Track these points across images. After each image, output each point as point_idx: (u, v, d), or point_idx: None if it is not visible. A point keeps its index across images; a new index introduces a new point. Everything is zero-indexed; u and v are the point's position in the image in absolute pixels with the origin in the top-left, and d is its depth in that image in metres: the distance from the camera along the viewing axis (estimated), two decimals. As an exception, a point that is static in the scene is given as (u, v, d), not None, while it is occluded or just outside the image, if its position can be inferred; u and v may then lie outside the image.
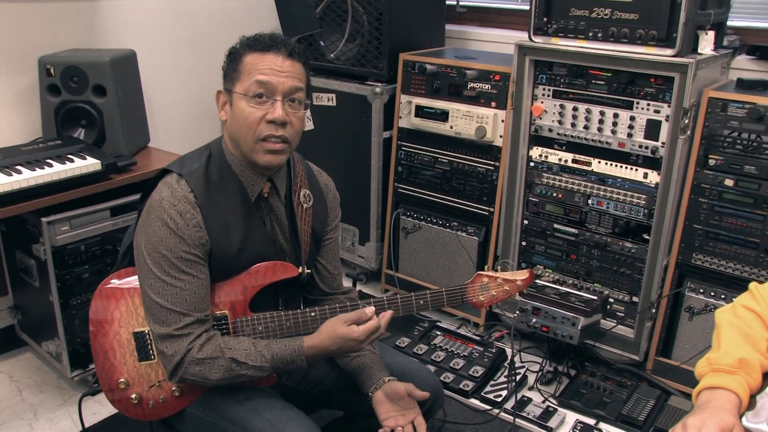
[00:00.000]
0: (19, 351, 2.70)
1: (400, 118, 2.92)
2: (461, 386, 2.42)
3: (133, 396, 1.59)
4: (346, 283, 1.91)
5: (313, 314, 1.60)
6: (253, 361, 1.51)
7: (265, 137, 1.51)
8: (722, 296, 2.29)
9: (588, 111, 2.42)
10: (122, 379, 1.59)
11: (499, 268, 1.68)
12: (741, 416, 1.25)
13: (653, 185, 2.36)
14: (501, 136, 2.66)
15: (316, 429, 1.53)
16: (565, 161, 2.53)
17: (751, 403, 1.29)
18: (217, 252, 1.55)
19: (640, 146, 2.35)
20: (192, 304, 1.51)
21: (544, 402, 2.38)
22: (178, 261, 1.50)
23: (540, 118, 2.54)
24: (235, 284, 1.59)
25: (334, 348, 1.54)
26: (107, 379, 1.60)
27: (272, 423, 1.49)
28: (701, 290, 2.33)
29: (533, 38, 2.44)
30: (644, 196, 2.39)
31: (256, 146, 1.52)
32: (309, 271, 1.71)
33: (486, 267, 1.56)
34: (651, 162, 2.35)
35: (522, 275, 1.64)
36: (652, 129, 2.31)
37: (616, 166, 2.42)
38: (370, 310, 1.56)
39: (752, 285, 1.44)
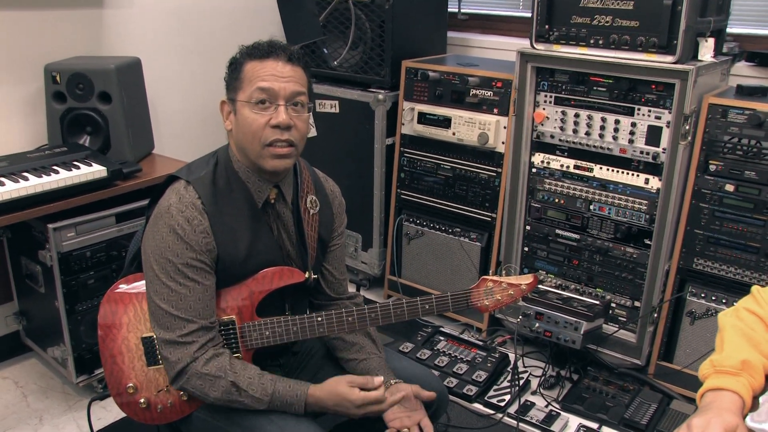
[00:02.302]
0: (24, 357, 2.71)
1: (403, 124, 2.94)
2: (464, 391, 2.43)
3: (142, 400, 1.60)
4: (351, 289, 1.93)
5: (319, 319, 1.61)
6: (253, 391, 1.52)
7: (271, 142, 1.53)
8: (723, 301, 2.30)
9: (589, 117, 2.44)
10: (131, 384, 1.60)
11: (503, 272, 1.69)
12: (744, 417, 1.27)
13: (654, 191, 2.38)
14: (503, 143, 2.68)
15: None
16: (567, 167, 2.55)
17: (754, 404, 1.30)
18: (225, 258, 1.56)
19: (642, 152, 2.37)
20: (196, 311, 1.52)
21: (547, 406, 2.39)
22: (185, 267, 1.51)
23: (542, 125, 2.56)
24: (242, 289, 1.61)
25: (330, 404, 1.54)
26: (116, 384, 1.61)
27: (281, 427, 1.51)
28: (702, 295, 2.35)
29: (535, 45, 2.47)
30: (645, 202, 2.40)
31: (263, 152, 1.54)
32: (315, 276, 1.73)
33: (490, 272, 1.57)
34: (652, 168, 2.37)
35: (526, 280, 1.65)
36: (653, 135, 2.33)
37: (618, 172, 2.45)
38: (378, 380, 1.56)
39: (754, 288, 1.45)
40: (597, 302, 2.46)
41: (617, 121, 2.39)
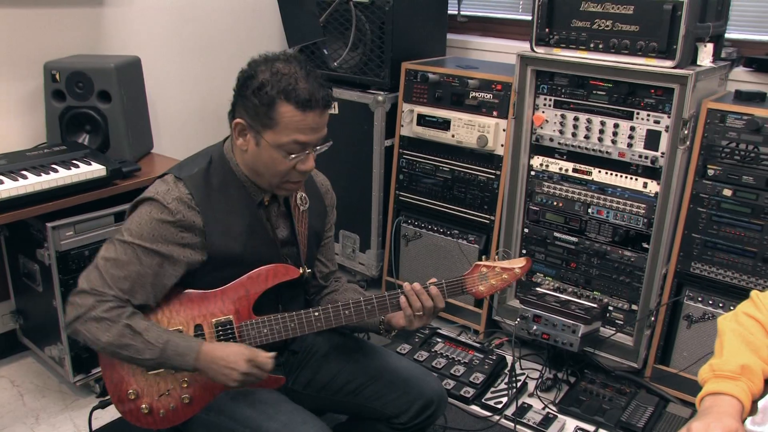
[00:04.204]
0: (20, 356, 2.70)
1: (402, 126, 2.95)
2: (462, 393, 2.44)
3: (144, 406, 1.59)
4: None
5: (317, 314, 1.62)
6: (148, 336, 1.50)
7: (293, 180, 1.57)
8: (720, 305, 2.32)
9: (589, 121, 2.45)
10: (131, 390, 1.59)
11: (497, 257, 1.69)
12: (743, 421, 1.28)
13: (653, 195, 2.39)
14: (502, 145, 2.68)
15: (328, 430, 1.54)
16: (566, 170, 2.56)
17: (753, 409, 1.31)
18: (219, 255, 1.57)
19: (640, 156, 2.38)
20: (127, 285, 1.51)
21: (544, 409, 2.39)
22: (152, 243, 1.51)
23: (541, 128, 2.57)
24: (238, 289, 1.61)
25: (220, 356, 1.51)
26: (116, 390, 1.60)
27: (285, 424, 1.51)
28: (699, 299, 2.36)
29: (535, 49, 2.47)
30: (644, 206, 2.41)
31: (281, 184, 1.58)
32: (310, 270, 1.74)
33: (483, 257, 1.58)
34: (651, 172, 2.38)
35: (519, 263, 1.64)
36: (652, 139, 2.34)
37: (616, 175, 2.45)
38: (271, 354, 1.56)
39: (753, 293, 1.46)
40: (594, 305, 2.46)
41: (616, 125, 2.40)
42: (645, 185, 2.40)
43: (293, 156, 1.52)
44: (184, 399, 1.59)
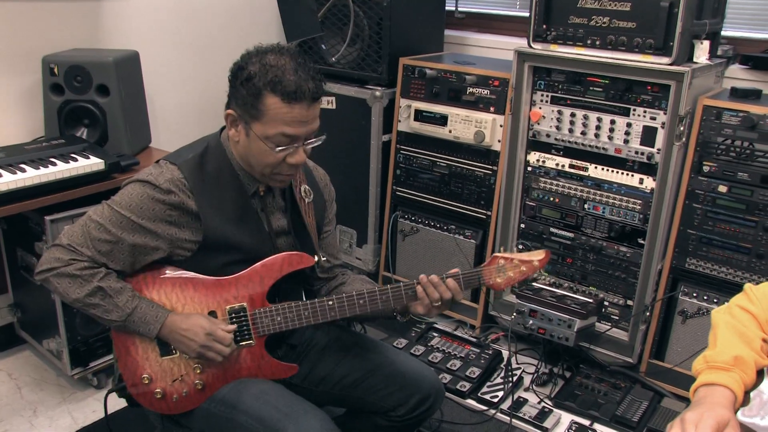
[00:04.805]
0: (18, 349, 2.71)
1: (399, 121, 2.96)
2: (458, 387, 2.45)
3: (157, 391, 1.61)
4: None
5: (330, 303, 1.63)
6: (119, 300, 1.53)
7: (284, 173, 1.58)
8: (715, 300, 2.33)
9: (585, 117, 2.46)
10: (145, 375, 1.61)
11: (515, 249, 1.69)
12: (736, 411, 1.29)
13: (648, 191, 2.40)
14: (499, 141, 2.69)
15: (330, 421, 1.56)
16: (562, 166, 2.57)
17: (746, 399, 1.32)
18: (214, 237, 1.58)
19: (636, 152, 2.39)
20: (105, 248, 1.53)
21: (539, 403, 2.41)
22: (138, 216, 1.53)
23: (538, 124, 2.58)
24: (252, 276, 1.62)
25: (182, 327, 1.55)
26: (131, 375, 1.62)
27: (287, 414, 1.52)
28: (694, 294, 2.37)
29: (532, 45, 2.48)
30: (640, 202, 2.43)
31: (272, 175, 1.59)
32: (324, 258, 1.75)
33: (502, 248, 1.57)
34: (647, 168, 2.40)
35: (538, 255, 1.63)
36: (648, 135, 2.35)
37: (613, 171, 2.47)
38: (231, 327, 1.60)
39: (747, 286, 1.48)
40: (590, 300, 2.48)
41: (613, 122, 2.41)
42: (641, 181, 2.41)
43: (281, 148, 1.52)
44: (197, 385, 1.61)
